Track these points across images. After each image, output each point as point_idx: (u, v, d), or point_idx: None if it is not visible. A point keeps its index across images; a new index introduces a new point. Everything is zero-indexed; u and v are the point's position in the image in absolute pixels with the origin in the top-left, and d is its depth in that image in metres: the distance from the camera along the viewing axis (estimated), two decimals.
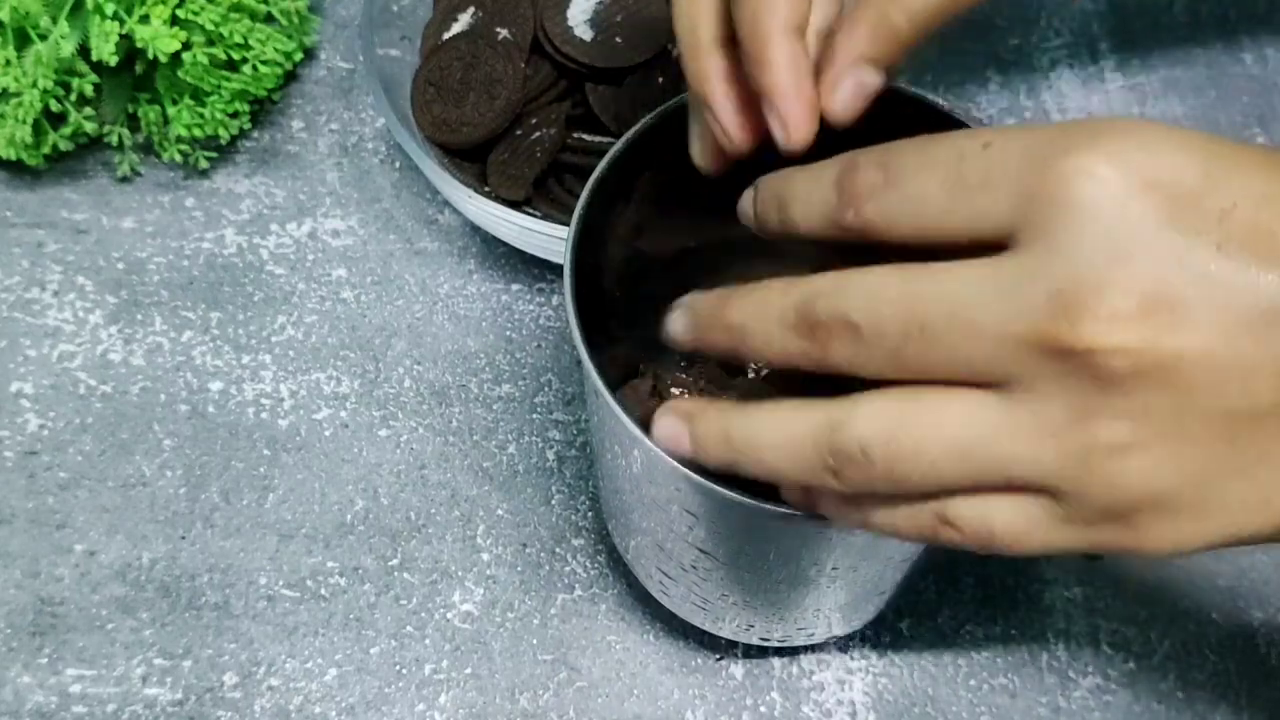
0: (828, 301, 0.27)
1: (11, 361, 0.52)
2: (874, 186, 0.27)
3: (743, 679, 0.46)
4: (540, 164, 0.51)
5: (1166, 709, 0.46)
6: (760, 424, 0.29)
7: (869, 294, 0.26)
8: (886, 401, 0.26)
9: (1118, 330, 0.23)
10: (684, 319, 0.31)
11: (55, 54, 0.52)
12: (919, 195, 0.26)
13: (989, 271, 0.25)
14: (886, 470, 0.26)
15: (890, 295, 0.26)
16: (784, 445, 0.28)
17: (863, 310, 0.26)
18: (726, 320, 0.29)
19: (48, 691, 0.45)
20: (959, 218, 0.25)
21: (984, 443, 0.25)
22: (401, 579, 0.48)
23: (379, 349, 0.53)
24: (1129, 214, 0.23)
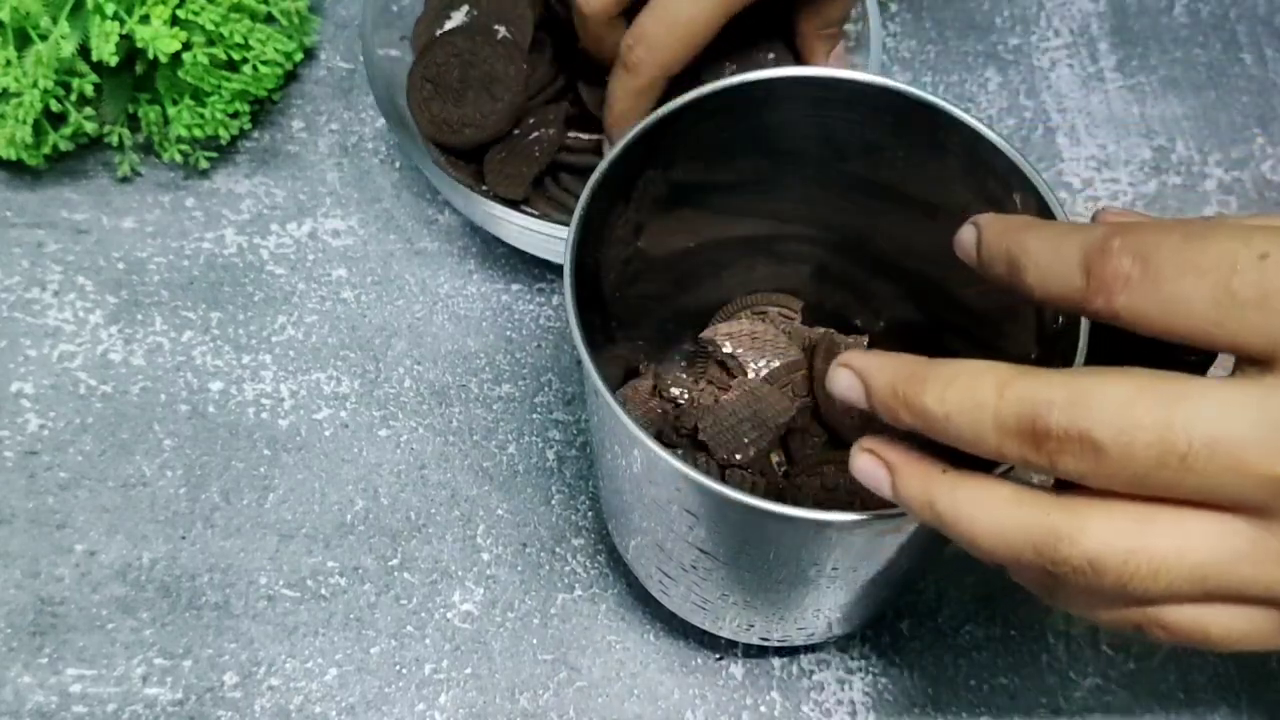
0: (1065, 415, 0.25)
1: (11, 361, 0.52)
2: (1129, 279, 0.25)
3: (743, 679, 0.46)
4: (539, 164, 0.51)
5: (1166, 710, 0.46)
6: (972, 508, 0.27)
7: (1118, 413, 0.24)
8: (1123, 520, 0.25)
9: None
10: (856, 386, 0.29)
11: (55, 54, 0.52)
12: (1182, 301, 0.24)
13: (1256, 399, 0.23)
14: (1117, 585, 0.25)
15: (1145, 421, 0.24)
16: (999, 538, 0.27)
17: (1111, 432, 0.24)
18: (922, 407, 0.27)
19: (48, 691, 0.45)
20: (1224, 332, 0.24)
21: (1227, 567, 0.25)
22: (401, 579, 0.48)
23: (379, 349, 0.53)
24: None
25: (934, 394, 0.27)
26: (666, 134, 0.38)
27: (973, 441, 0.26)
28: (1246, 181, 0.58)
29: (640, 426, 0.33)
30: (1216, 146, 0.59)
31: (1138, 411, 0.24)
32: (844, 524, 0.32)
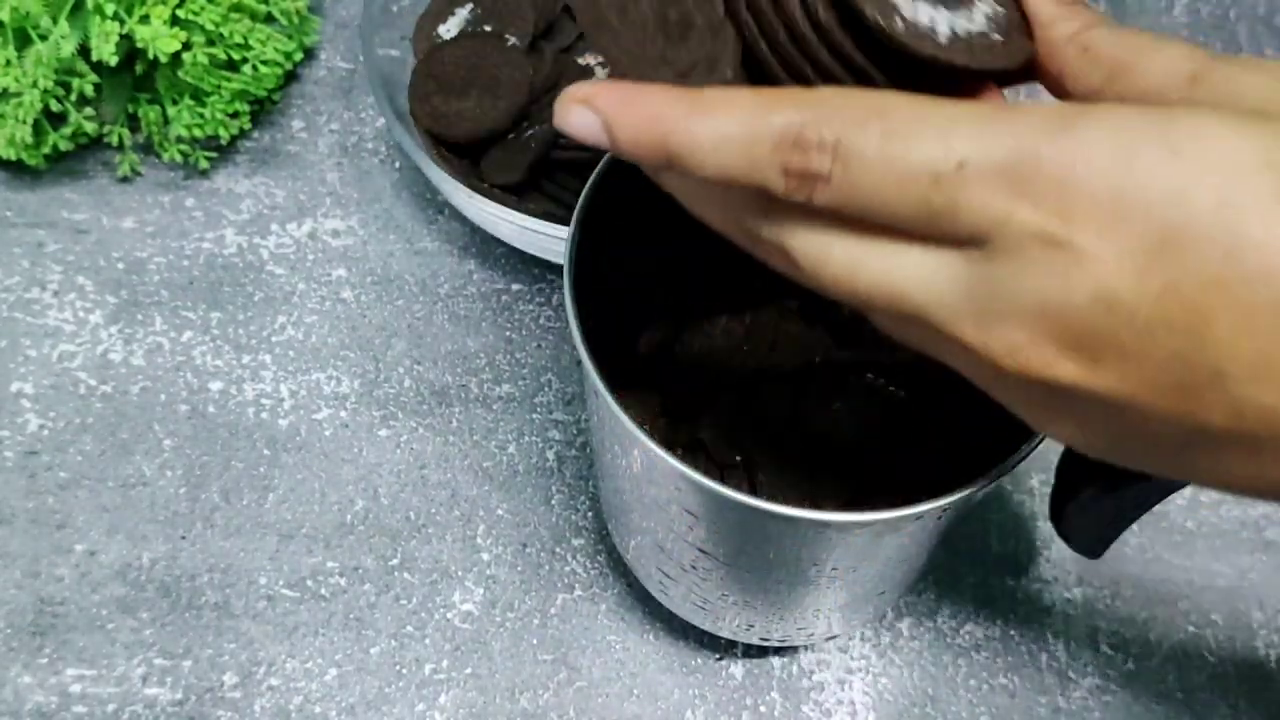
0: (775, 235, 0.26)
1: (11, 361, 0.52)
2: (831, 178, 0.24)
3: (743, 679, 0.46)
4: (535, 153, 0.51)
5: (1166, 710, 0.46)
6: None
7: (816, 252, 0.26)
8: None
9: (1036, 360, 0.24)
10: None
11: (55, 54, 0.52)
12: (883, 204, 0.24)
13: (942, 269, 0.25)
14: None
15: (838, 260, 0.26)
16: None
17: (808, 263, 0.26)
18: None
19: (48, 691, 0.45)
20: (919, 227, 0.25)
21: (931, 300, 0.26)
22: (401, 579, 0.48)
23: (379, 349, 0.53)
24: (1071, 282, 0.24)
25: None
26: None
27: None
28: None
29: (640, 427, 0.33)
30: None
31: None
32: (844, 524, 0.32)
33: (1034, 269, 0.24)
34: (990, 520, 0.49)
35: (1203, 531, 0.49)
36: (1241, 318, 0.23)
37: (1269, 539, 0.49)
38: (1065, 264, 0.24)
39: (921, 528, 0.35)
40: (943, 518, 0.35)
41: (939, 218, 0.24)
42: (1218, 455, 0.26)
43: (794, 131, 0.24)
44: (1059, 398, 0.25)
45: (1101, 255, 0.23)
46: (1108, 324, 0.24)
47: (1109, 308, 0.24)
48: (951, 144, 0.24)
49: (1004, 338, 0.24)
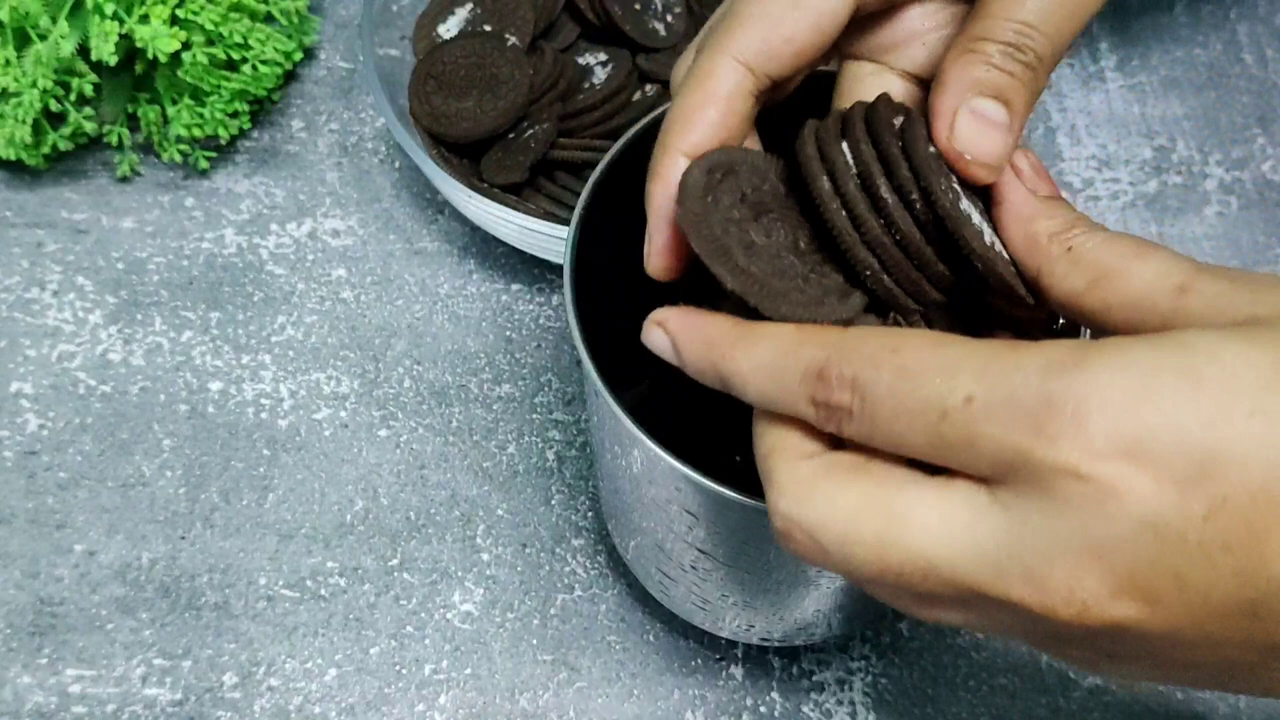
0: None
1: (11, 361, 0.52)
2: (850, 412, 0.26)
3: (743, 679, 0.46)
4: (535, 154, 0.51)
5: (1166, 710, 0.46)
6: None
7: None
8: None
9: (1091, 611, 0.24)
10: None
11: (55, 54, 0.51)
12: (900, 438, 0.25)
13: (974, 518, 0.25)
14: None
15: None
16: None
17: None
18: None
19: (47, 692, 0.45)
20: (945, 462, 0.25)
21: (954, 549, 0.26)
22: (401, 579, 0.48)
23: (379, 349, 0.53)
24: (1110, 515, 0.23)
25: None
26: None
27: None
28: (1247, 181, 0.58)
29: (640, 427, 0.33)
30: (1217, 146, 0.59)
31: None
32: None
33: (1070, 508, 0.23)
34: None
35: None
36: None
37: None
38: (1101, 498, 0.23)
39: None
40: None
41: (957, 451, 0.24)
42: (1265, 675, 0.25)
43: (817, 366, 0.26)
44: (1120, 642, 0.25)
45: (1138, 487, 0.23)
46: (1160, 553, 0.23)
47: (1157, 534, 0.23)
48: (958, 379, 0.24)
49: (1057, 586, 0.24)
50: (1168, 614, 0.24)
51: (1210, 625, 0.24)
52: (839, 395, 0.26)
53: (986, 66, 0.29)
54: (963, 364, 0.25)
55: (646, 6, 0.55)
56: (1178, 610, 0.23)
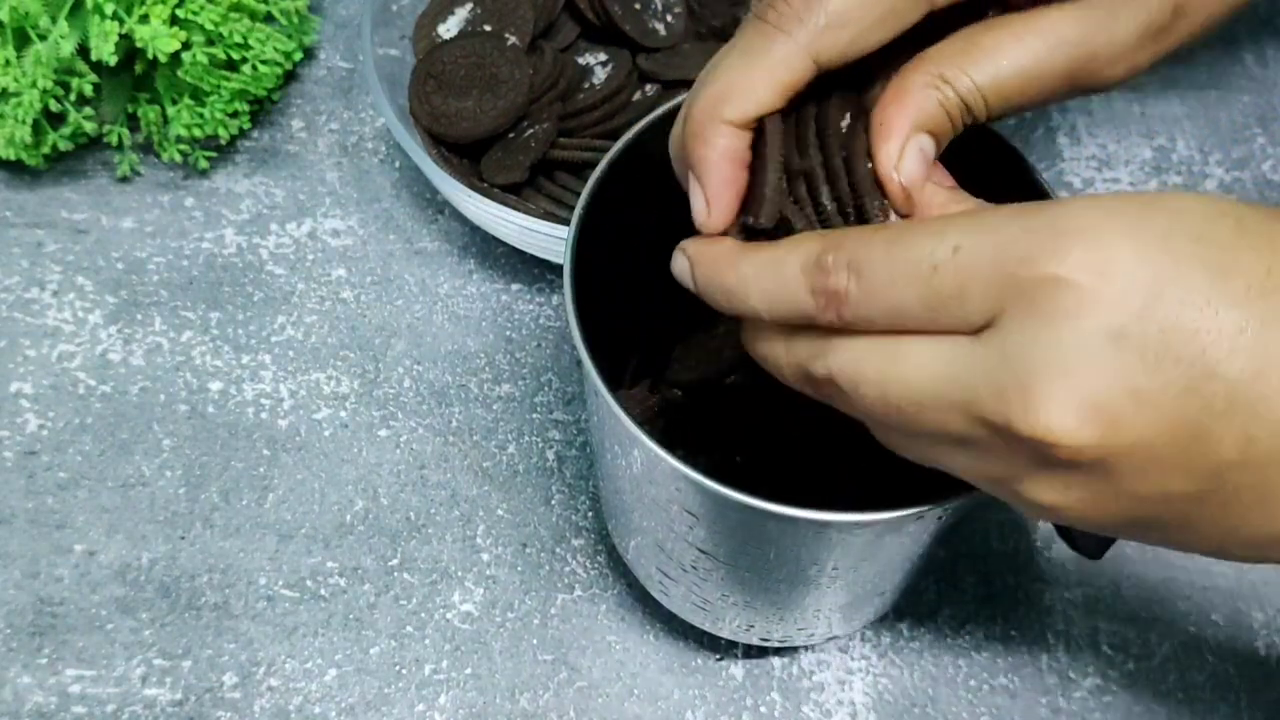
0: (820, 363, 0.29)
1: (11, 361, 0.52)
2: (849, 294, 0.28)
3: (743, 679, 0.46)
4: (535, 153, 0.51)
5: (1166, 710, 0.46)
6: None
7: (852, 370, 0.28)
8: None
9: (1059, 431, 0.25)
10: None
11: (55, 54, 0.51)
12: (898, 307, 0.27)
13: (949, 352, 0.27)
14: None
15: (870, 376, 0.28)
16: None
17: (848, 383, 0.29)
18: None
19: (47, 692, 0.45)
20: (938, 324, 0.27)
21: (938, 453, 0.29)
22: (401, 579, 0.48)
23: (379, 349, 0.53)
24: (1082, 327, 0.25)
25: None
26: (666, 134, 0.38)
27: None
28: (1247, 181, 0.58)
29: (640, 426, 0.33)
30: (1217, 146, 0.59)
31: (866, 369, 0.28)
32: (844, 524, 0.32)
33: (1048, 321, 0.25)
34: (990, 520, 0.49)
35: None
36: (1235, 338, 0.25)
37: None
38: (1075, 304, 0.25)
39: (923, 528, 0.35)
40: (944, 518, 0.35)
41: (948, 303, 0.26)
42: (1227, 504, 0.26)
43: (814, 256, 0.28)
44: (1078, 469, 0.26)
45: (1106, 293, 0.25)
46: (1121, 367, 0.25)
47: (1119, 346, 0.25)
48: (945, 236, 0.27)
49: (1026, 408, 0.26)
50: (1126, 433, 0.25)
51: (1160, 445, 0.26)
52: (836, 278, 0.28)
53: (941, 109, 0.31)
54: (948, 224, 0.27)
55: (646, 6, 0.55)
56: (1134, 429, 0.25)
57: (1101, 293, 0.25)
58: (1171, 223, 0.26)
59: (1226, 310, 0.25)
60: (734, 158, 0.31)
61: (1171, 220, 0.26)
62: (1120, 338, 0.25)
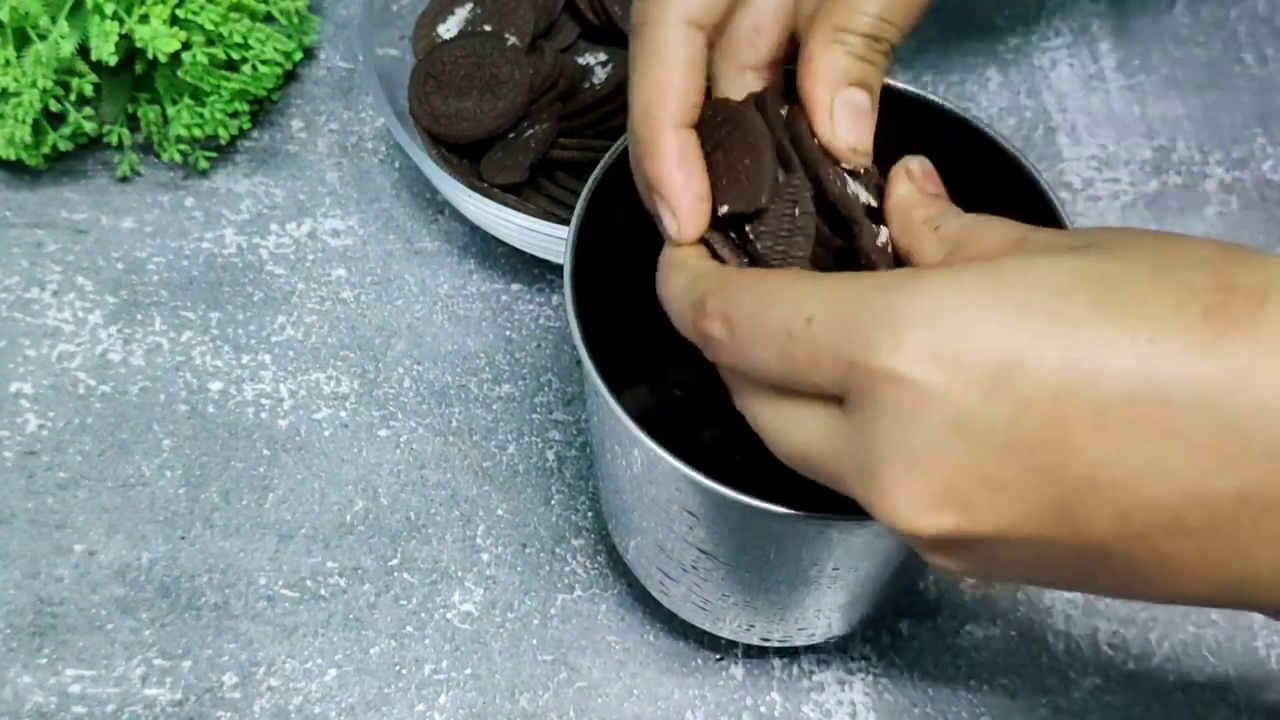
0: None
1: (11, 361, 0.52)
2: (721, 341, 0.28)
3: (743, 679, 0.46)
4: (535, 153, 0.51)
5: (1166, 710, 0.46)
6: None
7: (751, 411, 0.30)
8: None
9: (914, 521, 0.25)
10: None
11: (55, 54, 0.51)
12: (762, 365, 0.28)
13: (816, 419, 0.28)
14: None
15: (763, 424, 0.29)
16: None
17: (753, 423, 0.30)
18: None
19: (47, 692, 0.45)
20: (798, 387, 0.27)
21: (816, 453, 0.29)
22: (401, 579, 0.48)
23: (379, 349, 0.53)
24: (924, 420, 0.25)
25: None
26: None
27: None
28: (1247, 181, 0.58)
29: (640, 426, 0.33)
30: (1217, 146, 0.59)
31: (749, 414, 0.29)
32: (845, 524, 0.32)
33: (891, 414, 0.25)
34: None
35: None
36: (1095, 418, 0.24)
37: None
38: (916, 402, 0.25)
39: None
40: None
41: (804, 371, 0.27)
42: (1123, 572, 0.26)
43: (700, 299, 0.29)
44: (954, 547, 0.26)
45: (948, 390, 0.24)
46: (970, 456, 0.25)
47: (966, 436, 0.24)
48: (803, 305, 0.27)
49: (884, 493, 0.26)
50: (985, 518, 0.25)
51: (1027, 525, 0.25)
52: (712, 326, 0.29)
53: (851, 57, 0.31)
54: (810, 290, 0.27)
55: None
56: (993, 514, 0.25)
57: (939, 385, 0.24)
58: (1023, 300, 0.25)
59: (1084, 392, 0.24)
60: (684, 161, 0.31)
61: (1023, 297, 0.25)
62: (964, 427, 0.24)
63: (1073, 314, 0.24)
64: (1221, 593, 0.25)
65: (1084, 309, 0.24)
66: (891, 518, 0.26)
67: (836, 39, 0.31)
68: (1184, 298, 0.24)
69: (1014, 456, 0.24)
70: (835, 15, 0.31)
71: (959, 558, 0.27)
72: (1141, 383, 0.24)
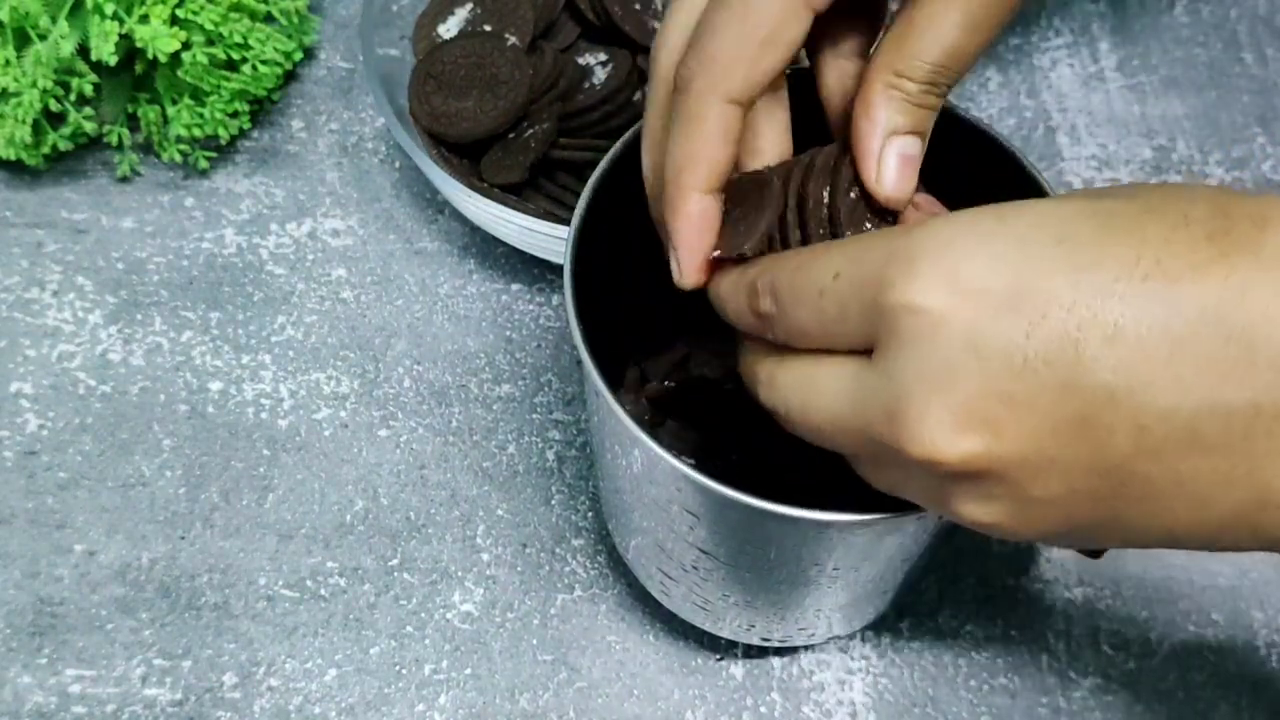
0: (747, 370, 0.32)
1: (11, 361, 0.52)
2: (771, 315, 0.30)
3: (743, 679, 0.46)
4: (536, 153, 0.51)
5: (1167, 709, 0.46)
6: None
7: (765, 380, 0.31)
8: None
9: (941, 446, 0.26)
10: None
11: (55, 54, 0.51)
12: (802, 328, 0.29)
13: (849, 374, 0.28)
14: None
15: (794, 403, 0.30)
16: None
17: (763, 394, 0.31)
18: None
19: (47, 692, 0.45)
20: (833, 341, 0.29)
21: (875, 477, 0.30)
22: (401, 579, 0.48)
23: (379, 349, 0.53)
24: (942, 343, 0.26)
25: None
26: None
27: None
28: (1247, 181, 0.58)
29: (640, 426, 0.33)
30: (1217, 146, 0.59)
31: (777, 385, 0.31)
32: (845, 524, 0.32)
33: (912, 345, 0.26)
34: None
35: None
36: (1106, 332, 0.25)
37: None
38: (933, 329, 0.26)
39: (923, 528, 0.35)
40: (944, 518, 0.35)
41: (835, 325, 0.28)
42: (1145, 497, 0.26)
43: (751, 281, 0.31)
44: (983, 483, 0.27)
45: (959, 311, 0.26)
46: (989, 376, 0.25)
47: (982, 355, 0.25)
48: (831, 264, 0.28)
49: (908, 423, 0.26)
50: (1010, 438, 0.26)
51: (1050, 446, 0.26)
52: (763, 302, 0.30)
53: (908, 106, 0.32)
54: (838, 251, 0.29)
55: (646, 6, 0.55)
56: (1017, 434, 0.26)
57: (953, 310, 0.26)
58: (1029, 229, 0.26)
59: (1095, 306, 0.25)
60: (703, 224, 0.33)
61: (1029, 227, 0.26)
62: (981, 347, 0.25)
63: (1079, 238, 0.26)
64: (1238, 520, 0.26)
65: (1089, 233, 0.26)
66: (919, 447, 0.26)
67: (894, 85, 0.32)
68: (1187, 224, 0.25)
69: (1031, 373, 0.25)
70: (895, 59, 0.32)
71: (990, 498, 0.27)
72: (1149, 298, 0.25)
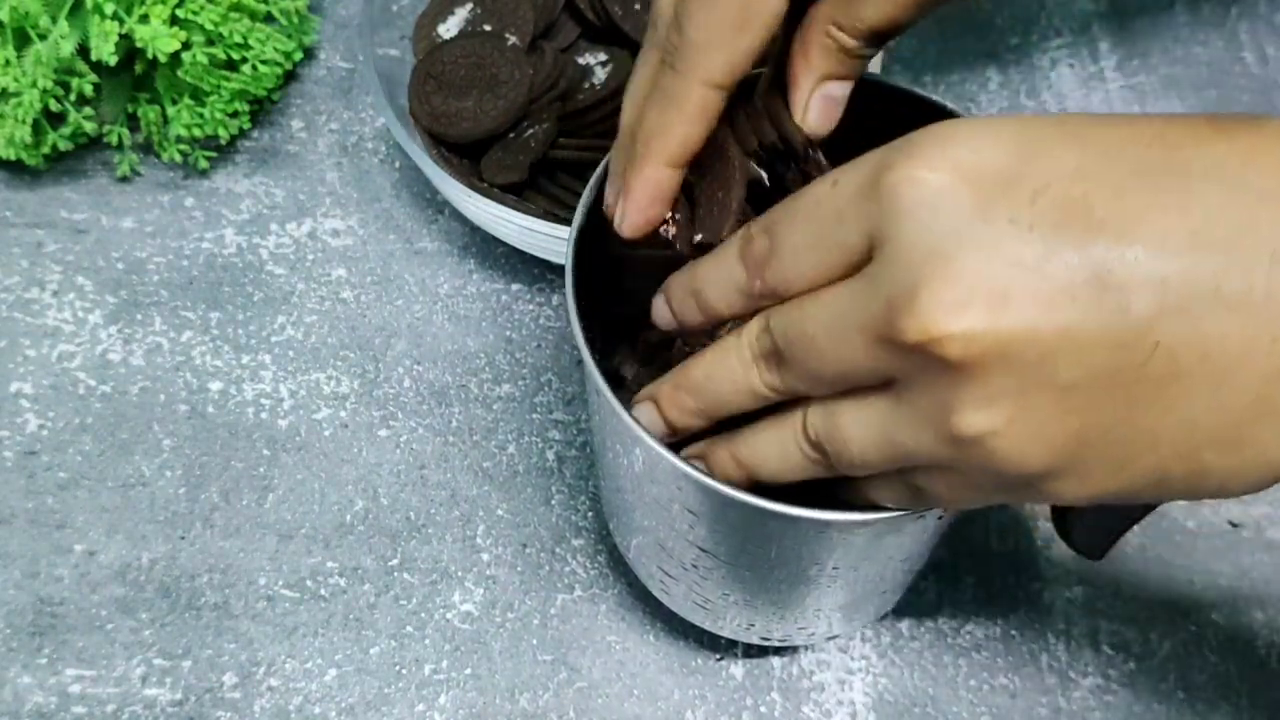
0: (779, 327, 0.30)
1: (11, 361, 0.52)
2: (765, 253, 0.29)
3: (743, 679, 0.46)
4: (535, 153, 0.51)
5: (1167, 709, 0.46)
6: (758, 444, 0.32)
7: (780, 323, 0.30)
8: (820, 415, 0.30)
9: (943, 322, 0.25)
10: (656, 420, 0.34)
11: (55, 54, 0.51)
12: (796, 249, 0.28)
13: (846, 288, 0.27)
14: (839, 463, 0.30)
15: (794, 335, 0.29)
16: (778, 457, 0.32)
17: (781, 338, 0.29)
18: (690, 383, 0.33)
19: (47, 692, 0.45)
20: (831, 257, 0.28)
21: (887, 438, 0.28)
22: (401, 579, 0.48)
23: (379, 349, 0.53)
24: (945, 211, 0.25)
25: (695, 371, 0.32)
26: None
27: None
28: None
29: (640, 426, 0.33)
30: None
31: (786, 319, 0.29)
32: (845, 524, 0.32)
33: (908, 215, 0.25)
34: (990, 520, 0.49)
35: (1203, 531, 0.49)
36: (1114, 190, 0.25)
37: (1270, 539, 0.49)
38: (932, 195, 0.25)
39: (922, 528, 0.35)
40: (943, 518, 0.35)
41: (832, 230, 0.27)
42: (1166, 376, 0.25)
43: (745, 232, 0.30)
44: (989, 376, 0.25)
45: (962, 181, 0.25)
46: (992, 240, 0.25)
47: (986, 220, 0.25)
48: (829, 177, 0.28)
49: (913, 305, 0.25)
50: (1017, 310, 0.24)
51: (1063, 313, 0.24)
52: (757, 242, 0.30)
53: (842, 56, 0.34)
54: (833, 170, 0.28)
55: (646, 6, 0.55)
56: (1026, 300, 0.24)
57: (955, 181, 0.25)
58: (1030, 118, 0.26)
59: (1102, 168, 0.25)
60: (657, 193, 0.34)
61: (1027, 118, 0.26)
62: (985, 212, 0.25)
63: (1080, 122, 0.26)
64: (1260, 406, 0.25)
65: (1091, 118, 0.26)
66: (918, 326, 0.25)
67: (833, 35, 0.34)
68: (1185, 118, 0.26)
69: (1038, 236, 0.24)
70: (838, 14, 0.33)
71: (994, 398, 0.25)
72: (1154, 158, 0.25)
